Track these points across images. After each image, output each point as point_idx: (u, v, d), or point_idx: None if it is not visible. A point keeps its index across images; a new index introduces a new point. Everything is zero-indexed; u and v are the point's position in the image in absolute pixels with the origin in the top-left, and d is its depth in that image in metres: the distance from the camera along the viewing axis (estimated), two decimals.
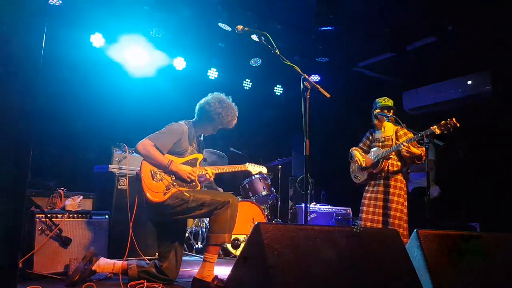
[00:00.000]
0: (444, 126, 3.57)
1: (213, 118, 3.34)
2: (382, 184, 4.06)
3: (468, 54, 6.12)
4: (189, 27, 5.83)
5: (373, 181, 4.15)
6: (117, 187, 4.26)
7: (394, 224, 3.87)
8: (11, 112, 1.40)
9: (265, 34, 2.98)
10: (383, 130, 4.25)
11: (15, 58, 1.40)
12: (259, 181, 5.52)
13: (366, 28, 5.77)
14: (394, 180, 4.02)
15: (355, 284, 1.78)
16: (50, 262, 3.24)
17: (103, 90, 5.67)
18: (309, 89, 2.86)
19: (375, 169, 4.10)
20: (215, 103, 3.33)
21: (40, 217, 3.23)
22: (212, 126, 3.42)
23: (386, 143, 4.13)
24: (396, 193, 3.97)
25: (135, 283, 3.02)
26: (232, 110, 3.39)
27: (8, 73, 1.39)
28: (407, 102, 7.11)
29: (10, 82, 1.39)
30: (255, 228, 1.69)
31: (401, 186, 4.02)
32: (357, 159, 4.19)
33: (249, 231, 4.87)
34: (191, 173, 3.19)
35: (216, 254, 3.07)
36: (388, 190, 4.00)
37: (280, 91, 7.84)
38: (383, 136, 4.21)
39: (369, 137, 4.37)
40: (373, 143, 4.28)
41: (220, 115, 3.32)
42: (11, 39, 1.39)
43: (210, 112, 3.33)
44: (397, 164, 4.08)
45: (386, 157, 4.04)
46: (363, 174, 4.22)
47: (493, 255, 2.44)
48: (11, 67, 1.39)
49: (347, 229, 1.95)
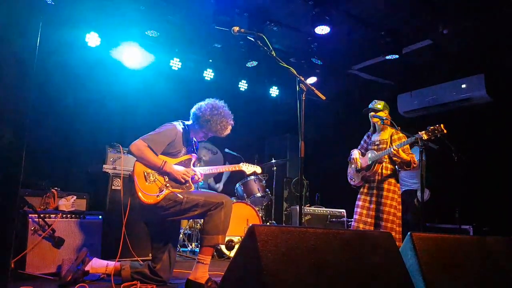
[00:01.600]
0: (432, 132, 3.61)
1: (202, 124, 3.30)
2: (375, 188, 4.08)
3: (463, 57, 6.16)
4: (185, 28, 5.82)
5: (367, 184, 4.18)
6: (111, 188, 4.24)
7: (387, 227, 3.88)
8: (4, 111, 1.39)
9: (261, 35, 2.98)
10: (380, 133, 4.26)
11: (9, 57, 1.40)
12: (254, 183, 5.52)
13: (361, 30, 5.79)
14: (387, 184, 4.04)
15: (349, 286, 1.78)
16: (42, 263, 3.22)
17: (98, 90, 5.65)
18: (305, 91, 2.87)
19: (368, 172, 4.13)
20: (206, 110, 3.29)
21: (33, 217, 3.22)
22: (201, 132, 3.38)
23: (381, 147, 4.14)
24: (390, 197, 3.98)
25: (128, 284, 3.01)
26: (224, 119, 3.31)
27: (2, 73, 1.38)
28: (402, 105, 7.15)
29: (3, 82, 1.38)
30: (249, 230, 1.69)
31: (395, 189, 4.03)
32: (355, 160, 4.22)
33: (243, 233, 4.87)
34: (185, 174, 3.19)
35: (210, 256, 3.06)
36: (381, 194, 4.02)
37: (276, 93, 7.85)
38: (379, 139, 4.22)
39: (366, 139, 4.40)
40: (369, 146, 4.30)
41: (209, 122, 3.27)
42: (6, 38, 1.38)
43: (200, 118, 3.30)
44: (391, 168, 4.10)
45: (379, 160, 4.06)
46: (358, 176, 4.24)
47: (486, 258, 2.46)
48: (4, 67, 1.38)
49: (341, 231, 1.95)
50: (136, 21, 5.55)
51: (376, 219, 3.99)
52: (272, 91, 7.82)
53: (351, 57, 6.78)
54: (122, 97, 5.84)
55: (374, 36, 5.80)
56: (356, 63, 6.99)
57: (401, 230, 3.95)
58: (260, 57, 6.51)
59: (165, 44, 6.15)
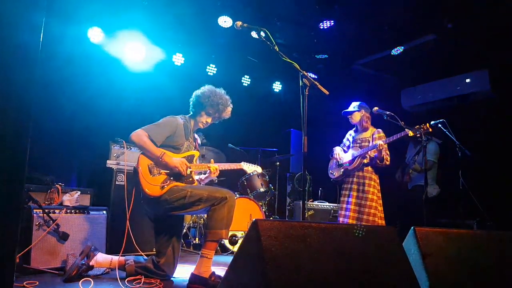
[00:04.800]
0: (417, 129, 3.93)
1: (204, 103, 3.37)
2: (355, 182, 4.35)
3: (467, 52, 6.12)
4: (188, 23, 5.81)
5: (349, 178, 4.43)
6: (115, 183, 4.26)
7: (369, 220, 4.13)
8: (8, 107, 1.39)
9: (264, 30, 2.97)
10: (362, 133, 4.50)
11: (13, 53, 1.40)
12: (257, 178, 5.53)
13: (365, 25, 5.76)
14: (368, 179, 4.30)
15: (351, 280, 1.79)
16: (47, 257, 3.24)
17: (101, 85, 5.64)
18: (308, 86, 2.86)
19: (350, 166, 4.39)
20: (205, 89, 3.42)
21: (37, 212, 3.24)
22: (205, 114, 3.41)
23: (363, 144, 4.41)
24: (371, 191, 4.24)
25: (132, 278, 3.03)
26: (223, 96, 3.43)
27: (6, 69, 1.38)
28: (406, 100, 7.12)
29: (7, 78, 1.39)
30: (252, 224, 1.69)
31: (375, 184, 4.31)
32: (336, 155, 4.55)
33: (246, 228, 4.88)
34: (182, 163, 3.19)
35: (214, 250, 3.07)
36: (362, 188, 4.28)
37: (279, 88, 7.83)
38: (361, 138, 4.48)
39: (348, 138, 4.66)
40: (351, 143, 4.55)
41: (210, 98, 3.36)
42: (10, 34, 1.39)
43: (200, 97, 3.38)
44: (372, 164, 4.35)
45: (362, 155, 4.30)
46: (339, 171, 4.51)
47: (489, 253, 2.45)
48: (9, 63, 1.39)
49: (344, 226, 1.96)
50: (139, 16, 5.54)
51: (358, 213, 4.23)
52: (275, 86, 7.81)
53: (355, 52, 6.75)
54: (125, 92, 5.83)
55: (378, 30, 5.77)
56: (359, 58, 6.96)
57: (384, 223, 4.22)
58: (263, 52, 6.49)
59: (168, 39, 6.14)
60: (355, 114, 4.49)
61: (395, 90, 7.21)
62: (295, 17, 5.73)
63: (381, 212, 4.24)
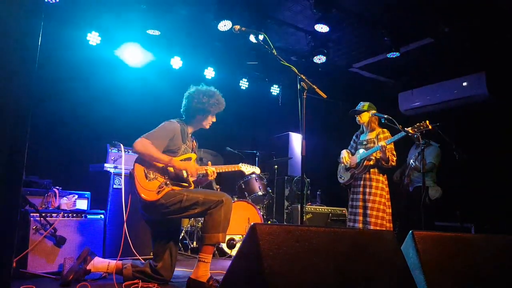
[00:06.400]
0: (417, 127, 3.86)
1: (192, 102, 3.33)
2: (362, 185, 4.25)
3: (464, 55, 6.15)
4: (186, 26, 5.82)
5: (356, 182, 4.34)
6: (113, 187, 4.24)
7: (377, 224, 4.04)
8: (6, 110, 1.39)
9: (262, 34, 2.98)
10: (368, 133, 4.42)
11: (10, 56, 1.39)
12: (255, 181, 5.52)
13: (362, 29, 5.78)
14: (375, 181, 4.20)
15: (350, 284, 1.78)
16: (44, 262, 3.22)
17: (99, 88, 5.64)
18: (306, 90, 2.86)
19: (357, 169, 4.30)
20: (191, 88, 3.44)
21: (34, 216, 3.22)
22: (198, 114, 3.37)
23: (369, 146, 4.31)
24: (378, 194, 4.14)
25: (129, 283, 3.01)
26: (215, 91, 3.41)
27: (3, 72, 1.38)
28: (403, 103, 7.14)
29: (5, 81, 1.38)
30: (251, 228, 1.69)
31: (383, 186, 4.20)
32: (344, 159, 4.41)
33: (244, 231, 4.87)
34: (191, 166, 3.19)
35: (211, 254, 3.06)
36: (369, 191, 4.18)
37: (277, 91, 7.84)
38: (367, 139, 4.39)
39: (355, 139, 4.58)
40: (358, 145, 4.46)
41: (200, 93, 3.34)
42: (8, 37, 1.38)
43: (189, 97, 3.37)
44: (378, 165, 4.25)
45: (367, 158, 4.22)
46: (347, 175, 4.43)
47: (487, 257, 2.46)
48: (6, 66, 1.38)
49: (342, 229, 1.95)
50: (137, 20, 5.55)
51: (364, 216, 4.14)
52: (273, 89, 7.82)
53: (352, 55, 6.78)
54: (123, 96, 5.83)
55: (375, 34, 5.80)
56: (357, 61, 6.98)
57: (391, 226, 4.14)
58: (261, 55, 6.50)
59: (166, 42, 6.14)
60: (364, 114, 4.36)
61: (393, 93, 7.23)
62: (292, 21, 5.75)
63: (389, 214, 4.13)
